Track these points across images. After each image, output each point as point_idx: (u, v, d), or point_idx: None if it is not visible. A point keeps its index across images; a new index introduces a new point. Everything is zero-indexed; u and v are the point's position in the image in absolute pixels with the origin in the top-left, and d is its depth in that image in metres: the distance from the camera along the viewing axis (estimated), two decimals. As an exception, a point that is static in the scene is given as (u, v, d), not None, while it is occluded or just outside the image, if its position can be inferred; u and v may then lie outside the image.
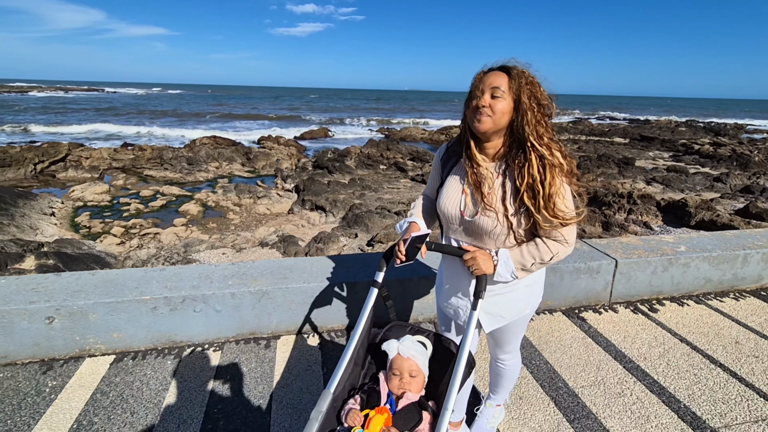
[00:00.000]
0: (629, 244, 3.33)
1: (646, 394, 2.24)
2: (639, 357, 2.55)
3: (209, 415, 1.99)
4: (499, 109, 1.26)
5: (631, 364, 2.48)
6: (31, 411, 1.97)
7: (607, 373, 2.40)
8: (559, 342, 2.68)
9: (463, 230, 1.43)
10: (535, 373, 2.38)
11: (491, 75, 1.29)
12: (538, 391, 2.25)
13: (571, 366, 2.45)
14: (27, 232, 9.15)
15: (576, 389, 2.26)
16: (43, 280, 2.47)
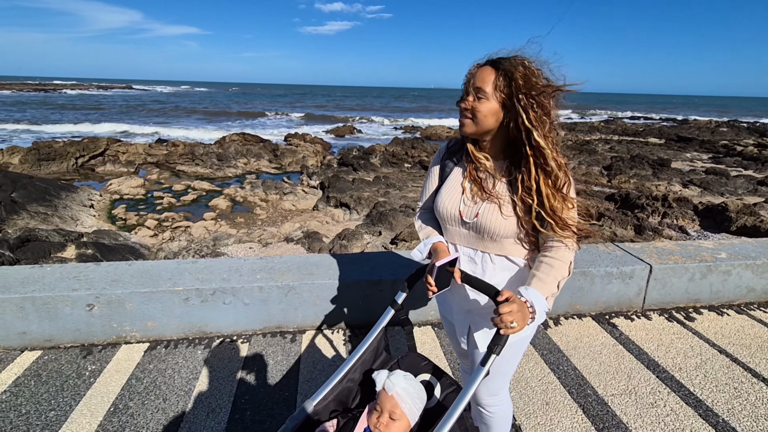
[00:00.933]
0: (665, 249, 3.20)
1: (681, 406, 2.15)
2: (673, 367, 2.45)
3: (237, 405, 2.05)
4: (481, 113, 1.16)
5: (664, 373, 2.39)
6: (72, 392, 2.07)
7: (639, 382, 2.32)
8: (589, 348, 2.60)
9: (464, 234, 1.31)
10: (563, 379, 2.32)
11: (480, 71, 1.17)
12: (565, 397, 2.19)
13: (600, 373, 2.38)
14: (68, 222, 9.63)
15: (606, 397, 2.20)
16: (84, 269, 2.59)
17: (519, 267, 1.31)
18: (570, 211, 1.21)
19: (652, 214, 8.91)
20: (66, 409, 1.97)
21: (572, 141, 20.13)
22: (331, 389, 1.24)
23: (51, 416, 1.93)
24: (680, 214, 8.75)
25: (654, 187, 11.57)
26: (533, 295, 1.16)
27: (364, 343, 1.33)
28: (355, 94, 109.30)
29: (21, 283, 2.39)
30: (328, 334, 2.64)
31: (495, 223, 1.22)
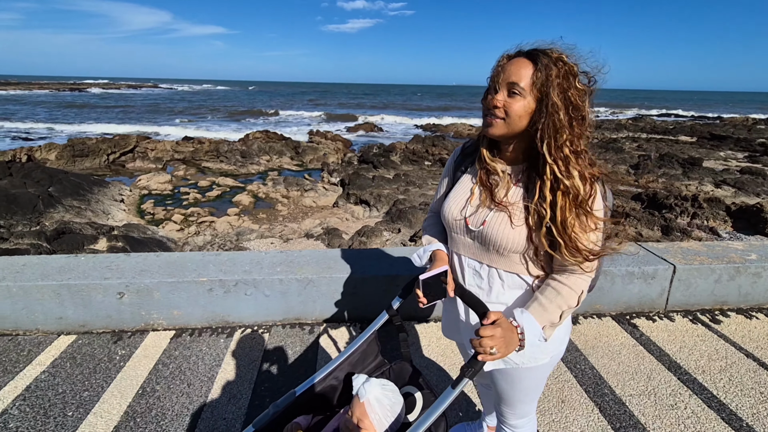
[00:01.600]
0: (690, 249, 3.11)
1: (703, 408, 2.10)
2: (696, 369, 2.39)
3: (256, 392, 2.12)
4: (515, 111, 1.02)
5: (686, 376, 2.34)
6: (104, 375, 2.20)
7: (659, 383, 2.28)
8: (607, 348, 2.57)
9: (469, 244, 1.18)
10: (580, 378, 2.30)
11: (513, 63, 1.03)
12: (581, 395, 2.18)
13: (619, 373, 2.35)
14: (100, 216, 10.05)
15: (623, 397, 2.17)
16: (116, 259, 2.73)
17: (531, 286, 1.17)
18: (590, 233, 1.05)
19: (680, 214, 8.62)
20: (98, 390, 2.09)
21: (598, 139, 19.62)
22: (315, 384, 1.27)
23: (84, 396, 2.05)
24: (711, 215, 8.43)
25: (684, 187, 11.17)
26: (527, 321, 1.05)
27: (354, 344, 1.33)
28: (376, 92, 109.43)
29: (58, 270, 2.53)
30: (345, 328, 2.69)
31: (502, 234, 1.09)
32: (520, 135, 1.07)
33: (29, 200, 9.19)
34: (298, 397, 1.27)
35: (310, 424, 1.24)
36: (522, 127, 1.05)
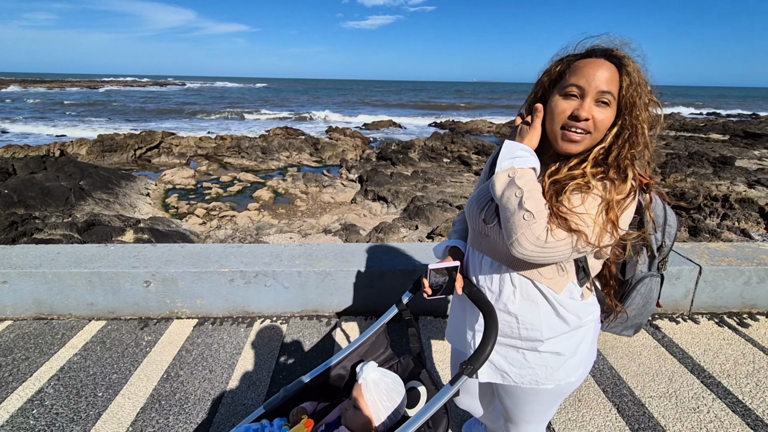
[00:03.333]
0: (718, 250, 3.01)
1: (727, 413, 2.04)
2: (721, 373, 2.32)
3: (275, 380, 2.18)
4: (604, 124, 0.92)
5: (710, 379, 2.27)
6: (131, 359, 2.29)
7: (681, 386, 2.23)
8: (627, 348, 2.52)
9: (485, 240, 1.11)
10: (598, 378, 2.27)
11: (597, 66, 0.91)
12: (599, 395, 2.15)
13: (639, 374, 2.31)
14: (127, 209, 10.40)
15: (643, 399, 2.13)
16: (143, 249, 2.83)
17: (548, 301, 1.05)
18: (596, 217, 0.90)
19: (710, 215, 8.32)
20: (126, 373, 2.18)
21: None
22: (324, 372, 1.31)
23: (113, 378, 2.14)
24: (743, 216, 8.12)
25: (714, 187, 10.78)
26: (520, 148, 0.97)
27: (363, 336, 1.36)
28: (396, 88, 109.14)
29: (90, 259, 2.65)
30: (361, 321, 2.73)
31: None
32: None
33: (62, 193, 9.59)
34: (307, 383, 1.32)
35: (315, 410, 1.28)
36: (600, 138, 0.95)
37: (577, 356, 1.11)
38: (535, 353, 1.09)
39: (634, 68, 0.93)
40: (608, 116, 0.93)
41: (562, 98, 0.96)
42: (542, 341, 1.07)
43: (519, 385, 1.14)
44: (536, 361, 1.10)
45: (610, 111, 0.93)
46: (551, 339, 1.07)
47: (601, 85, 0.91)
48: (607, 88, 0.91)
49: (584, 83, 0.92)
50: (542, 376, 1.11)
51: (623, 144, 0.93)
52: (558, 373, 1.11)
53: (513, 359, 1.12)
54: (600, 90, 0.91)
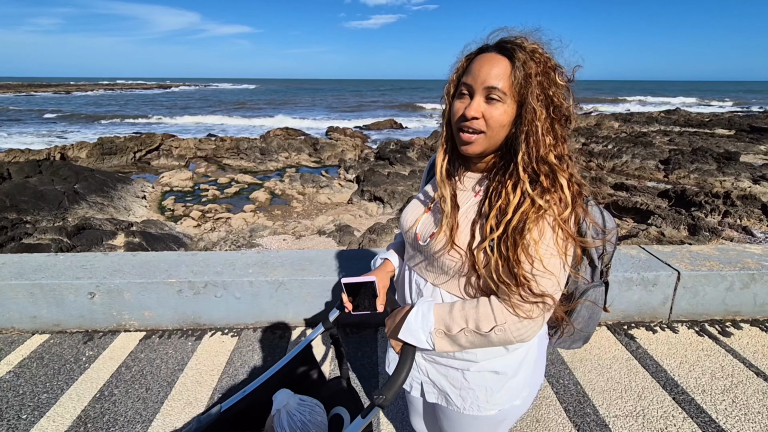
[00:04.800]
0: (700, 253, 2.83)
1: (697, 434, 1.88)
2: (696, 388, 2.15)
3: (213, 399, 2.06)
4: (496, 120, 0.86)
5: (683, 395, 2.11)
6: (66, 377, 2.19)
7: (651, 403, 2.06)
8: (597, 361, 2.36)
9: (418, 259, 1.05)
10: (561, 394, 2.12)
11: (486, 61, 0.87)
12: (560, 414, 1.99)
13: (606, 390, 2.15)
14: (122, 212, 10.39)
15: (607, 419, 1.97)
16: (92, 258, 2.73)
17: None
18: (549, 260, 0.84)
19: (711, 212, 8.07)
20: (57, 392, 2.08)
21: (626, 133, 18.71)
22: (242, 399, 1.17)
23: (43, 398, 2.04)
24: (745, 213, 7.85)
25: (718, 183, 10.48)
26: (424, 307, 0.94)
27: (287, 358, 1.24)
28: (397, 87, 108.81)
29: (34, 270, 2.56)
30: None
31: (446, 250, 0.94)
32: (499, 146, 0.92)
33: (56, 197, 9.59)
34: (223, 413, 1.17)
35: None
36: (502, 137, 0.89)
37: (519, 376, 1.04)
38: (472, 373, 1.02)
39: (526, 58, 0.84)
40: (503, 112, 0.86)
41: (457, 99, 0.92)
42: (476, 362, 1.01)
43: (460, 409, 1.06)
44: (475, 381, 1.03)
45: (503, 107, 0.86)
46: (486, 360, 1.01)
47: (487, 80, 0.86)
48: (494, 83, 0.85)
49: (471, 81, 0.88)
50: (483, 399, 1.03)
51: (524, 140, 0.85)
52: (499, 395, 1.03)
53: (453, 378, 1.06)
54: (486, 86, 0.86)
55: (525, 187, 0.85)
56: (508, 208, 0.86)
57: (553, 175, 0.85)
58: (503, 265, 0.85)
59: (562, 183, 0.85)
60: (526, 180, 0.86)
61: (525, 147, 0.85)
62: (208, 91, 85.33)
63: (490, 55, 0.87)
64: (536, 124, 0.84)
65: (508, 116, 0.87)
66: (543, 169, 0.85)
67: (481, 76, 0.86)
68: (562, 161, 0.86)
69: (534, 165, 0.85)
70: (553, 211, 0.84)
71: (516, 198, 0.85)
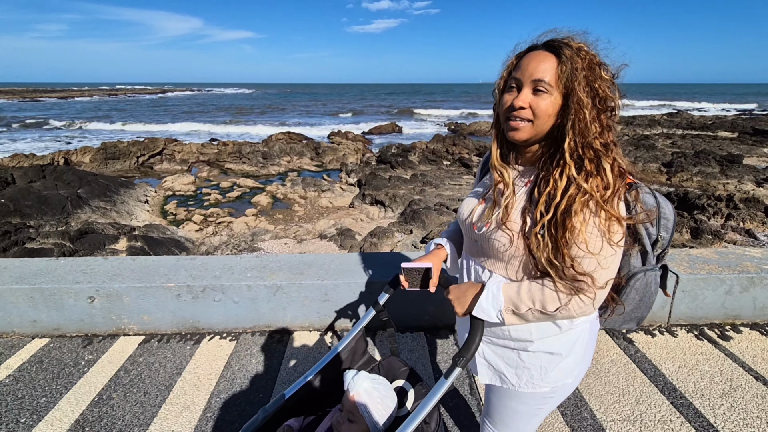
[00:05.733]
0: (699, 256, 2.82)
1: (695, 439, 1.87)
2: (694, 393, 2.14)
3: (211, 403, 2.06)
4: (543, 110, 0.94)
5: (681, 400, 2.10)
6: (65, 381, 2.20)
7: (648, 407, 2.05)
8: (595, 365, 2.35)
9: (475, 247, 1.14)
10: (558, 398, 2.11)
11: (534, 58, 0.95)
12: (557, 418, 1.99)
13: (603, 394, 2.14)
14: (124, 216, 10.44)
15: (604, 423, 1.96)
16: (93, 263, 2.75)
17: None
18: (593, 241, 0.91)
19: (713, 215, 8.03)
20: (56, 396, 2.09)
21: (629, 136, 18.67)
22: (305, 385, 1.26)
23: (41, 402, 2.05)
24: (748, 216, 7.81)
25: (721, 186, 10.44)
26: (494, 286, 1.03)
27: (342, 342, 1.33)
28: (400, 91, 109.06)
29: (34, 274, 2.58)
30: (315, 336, 2.60)
31: (502, 237, 1.02)
32: (545, 136, 0.99)
33: (59, 201, 9.65)
34: (288, 400, 1.27)
35: (302, 426, 1.24)
36: (548, 126, 0.97)
37: (572, 356, 1.11)
38: (528, 353, 1.10)
39: (573, 54, 0.92)
40: (550, 103, 0.94)
41: (506, 92, 1.00)
42: (532, 341, 1.09)
43: (516, 388, 1.15)
44: (531, 361, 1.11)
45: (550, 98, 0.94)
46: (542, 340, 1.09)
47: (534, 74, 0.94)
48: (541, 76, 0.93)
49: (519, 75, 0.96)
50: (537, 377, 1.12)
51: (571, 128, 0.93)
52: (553, 374, 1.11)
53: (509, 359, 1.14)
54: (533, 79, 0.94)
55: (570, 172, 0.93)
56: (556, 192, 0.94)
57: (598, 161, 0.92)
58: (553, 247, 0.94)
59: (605, 167, 0.92)
60: (572, 165, 0.93)
61: (571, 134, 0.92)
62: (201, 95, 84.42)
63: (538, 52, 0.95)
64: (583, 112, 0.91)
65: (554, 107, 0.94)
66: (588, 154, 0.92)
67: (529, 70, 0.94)
68: (608, 148, 0.93)
69: (579, 151, 0.92)
70: (596, 195, 0.91)
71: (563, 183, 0.93)
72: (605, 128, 0.93)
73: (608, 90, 0.93)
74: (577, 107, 0.91)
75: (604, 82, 0.93)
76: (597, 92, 0.92)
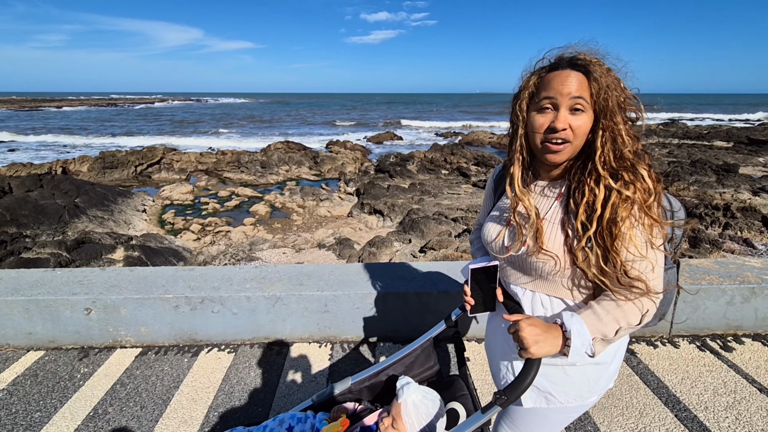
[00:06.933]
0: (700, 267, 2.82)
1: (701, 453, 1.85)
2: (698, 405, 2.12)
3: (209, 418, 2.03)
4: (582, 130, 0.94)
5: (685, 412, 2.07)
6: (60, 395, 2.16)
7: (652, 420, 2.03)
8: (598, 377, 2.33)
9: (515, 269, 1.11)
10: (561, 412, 2.08)
11: (565, 76, 0.94)
12: (560, 432, 1.96)
13: (607, 407, 2.11)
14: (122, 226, 10.39)
15: (608, 436, 1.94)
16: (90, 274, 2.72)
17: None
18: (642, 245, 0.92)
19: (711, 225, 8.06)
20: (51, 411, 2.05)
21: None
22: (369, 376, 1.34)
23: (36, 417, 2.01)
24: (745, 225, 7.83)
25: (717, 195, 10.49)
26: (577, 324, 0.95)
27: (409, 348, 1.37)
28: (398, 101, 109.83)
29: (30, 285, 2.55)
30: (315, 348, 2.57)
31: (543, 257, 1.00)
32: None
33: (56, 211, 9.60)
34: (352, 384, 1.36)
35: (354, 411, 1.31)
36: (582, 144, 0.98)
37: (615, 361, 1.12)
38: (575, 368, 1.07)
39: (601, 72, 0.93)
40: (585, 121, 0.95)
41: (537, 113, 0.98)
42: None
43: (564, 404, 1.11)
44: (578, 375, 1.08)
45: (586, 116, 0.95)
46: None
47: (572, 92, 0.93)
48: (578, 93, 0.93)
49: (555, 94, 0.95)
50: (585, 389, 1.09)
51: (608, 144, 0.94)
52: (599, 383, 1.10)
53: (554, 377, 1.09)
54: (571, 97, 0.94)
55: (608, 182, 0.93)
56: (595, 203, 0.93)
57: (634, 169, 0.93)
58: (602, 257, 0.93)
59: (643, 174, 0.93)
60: (607, 176, 0.94)
61: (603, 148, 0.94)
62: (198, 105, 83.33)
63: (567, 71, 0.95)
64: (615, 127, 0.93)
65: (588, 125, 0.95)
66: (623, 164, 0.94)
67: (565, 90, 0.93)
68: (639, 156, 0.95)
69: (613, 163, 0.94)
70: (639, 200, 0.92)
71: (602, 193, 0.93)
72: (633, 138, 0.95)
73: (631, 103, 0.96)
74: (611, 124, 0.92)
75: (628, 97, 0.96)
76: (623, 107, 0.94)
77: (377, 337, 2.63)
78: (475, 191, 12.51)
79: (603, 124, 0.93)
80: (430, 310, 2.59)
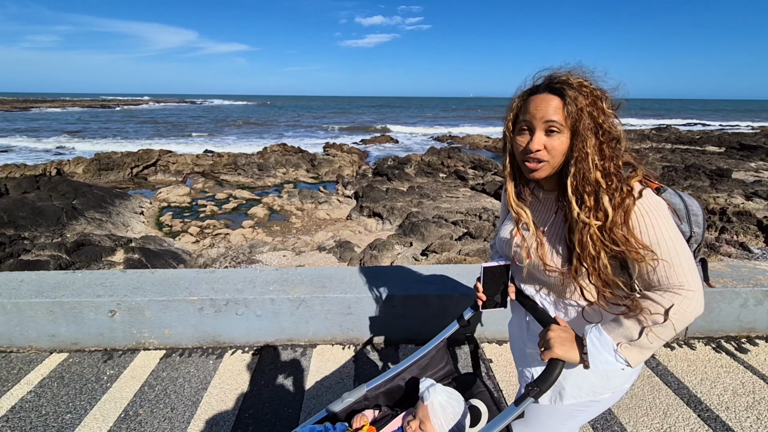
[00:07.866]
0: (713, 270, 2.89)
1: (726, 451, 1.90)
2: (719, 405, 2.18)
3: (240, 419, 2.04)
4: (558, 149, 0.99)
5: (708, 413, 2.13)
6: (89, 396, 2.15)
7: (677, 420, 2.08)
8: (619, 378, 2.37)
9: (524, 275, 1.18)
10: (587, 412, 2.12)
11: (540, 100, 0.99)
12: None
13: (631, 408, 2.16)
14: (120, 228, 10.29)
15: (635, 435, 1.98)
16: (111, 276, 2.71)
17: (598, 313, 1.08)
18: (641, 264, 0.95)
19: (708, 229, 8.21)
20: (81, 412, 2.04)
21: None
22: (384, 382, 1.33)
23: (67, 419, 2.00)
24: (741, 229, 7.99)
25: (711, 200, 10.68)
26: (594, 331, 0.98)
27: (423, 349, 1.37)
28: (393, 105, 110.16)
29: (53, 287, 2.53)
30: (338, 350, 2.59)
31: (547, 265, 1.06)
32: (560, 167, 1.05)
33: (54, 213, 9.49)
34: (367, 391, 1.34)
35: (375, 418, 1.30)
36: (561, 161, 1.02)
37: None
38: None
39: (576, 95, 0.96)
40: (562, 141, 0.99)
41: (518, 135, 1.05)
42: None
43: (577, 400, 1.13)
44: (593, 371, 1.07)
45: (562, 137, 0.99)
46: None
47: (546, 115, 0.98)
48: (552, 117, 0.97)
49: (530, 118, 1.01)
50: (599, 385, 1.11)
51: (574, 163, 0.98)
52: (615, 380, 1.11)
53: (569, 373, 1.11)
54: (544, 120, 0.98)
55: (572, 206, 0.99)
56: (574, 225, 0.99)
57: (596, 195, 0.96)
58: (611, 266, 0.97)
59: (603, 199, 0.95)
60: (573, 201, 0.98)
61: (573, 170, 0.98)
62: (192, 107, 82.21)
63: (543, 95, 0.99)
64: (585, 150, 0.96)
65: (564, 145, 0.99)
66: (587, 189, 0.97)
67: (539, 113, 0.99)
68: (608, 177, 0.96)
69: (580, 186, 0.98)
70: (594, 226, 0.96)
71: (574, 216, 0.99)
72: (607, 158, 0.97)
73: (611, 122, 0.98)
74: (580, 145, 0.96)
75: (607, 116, 0.97)
76: (601, 126, 0.96)
77: (399, 339, 2.65)
78: (473, 194, 12.59)
79: (576, 146, 0.97)
80: (449, 312, 2.62)
